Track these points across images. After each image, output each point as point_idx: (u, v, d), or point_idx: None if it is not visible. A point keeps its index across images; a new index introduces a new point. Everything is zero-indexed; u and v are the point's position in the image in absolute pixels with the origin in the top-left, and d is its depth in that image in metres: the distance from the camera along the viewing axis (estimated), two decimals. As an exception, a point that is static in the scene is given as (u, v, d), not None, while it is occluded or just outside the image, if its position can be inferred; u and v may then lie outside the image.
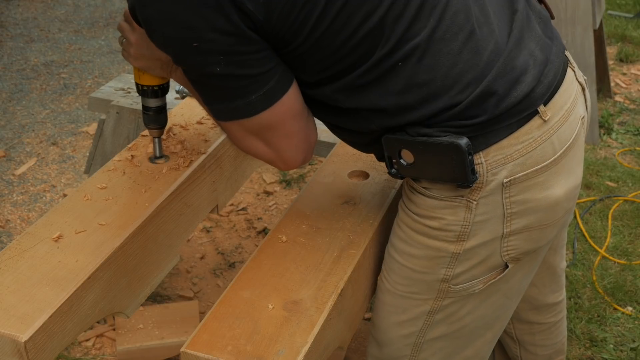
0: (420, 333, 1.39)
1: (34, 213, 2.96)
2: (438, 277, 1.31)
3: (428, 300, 1.34)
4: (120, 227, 1.27)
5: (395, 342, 1.42)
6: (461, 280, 1.31)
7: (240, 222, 2.95)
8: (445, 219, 1.25)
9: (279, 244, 1.31)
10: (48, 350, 1.10)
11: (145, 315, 2.32)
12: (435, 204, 1.25)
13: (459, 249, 1.27)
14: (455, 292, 1.33)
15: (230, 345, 1.09)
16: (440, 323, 1.37)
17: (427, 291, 1.34)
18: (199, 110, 1.68)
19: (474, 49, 1.16)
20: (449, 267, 1.30)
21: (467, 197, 1.22)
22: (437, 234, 1.27)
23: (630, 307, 2.50)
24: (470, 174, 1.18)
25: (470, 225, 1.24)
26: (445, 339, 1.40)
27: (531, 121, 1.20)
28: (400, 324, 1.39)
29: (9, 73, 4.14)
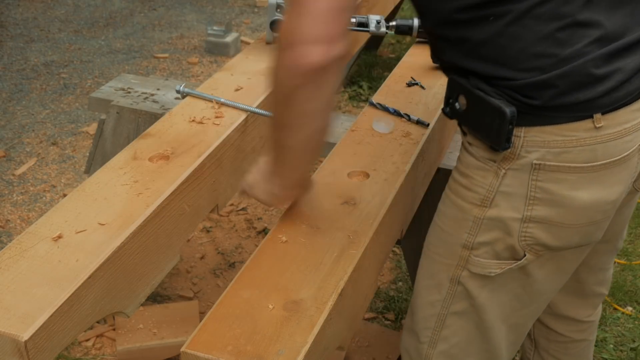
0: (444, 303, 1.42)
1: (34, 213, 2.96)
2: (460, 240, 1.35)
3: (451, 266, 1.38)
4: (120, 227, 1.28)
5: (423, 309, 1.46)
6: (480, 253, 1.34)
7: (240, 222, 2.95)
8: (474, 179, 1.30)
9: (279, 244, 1.31)
10: (48, 349, 1.10)
11: (145, 315, 2.32)
12: (471, 162, 1.30)
13: (481, 214, 1.30)
14: (473, 265, 1.35)
15: (230, 345, 1.09)
16: (462, 298, 1.40)
17: (450, 255, 1.38)
18: (199, 110, 1.68)
19: (561, 41, 1.17)
20: (471, 233, 1.33)
21: (499, 163, 1.26)
22: (464, 193, 1.32)
23: (630, 307, 2.50)
24: (503, 141, 1.22)
25: (494, 192, 1.28)
26: (466, 318, 1.42)
27: (581, 122, 1.21)
28: (427, 289, 1.44)
29: (9, 73, 4.14)
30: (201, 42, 4.63)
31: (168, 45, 4.60)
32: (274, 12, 1.97)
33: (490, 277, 1.35)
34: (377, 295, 2.55)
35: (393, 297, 2.54)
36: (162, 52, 4.51)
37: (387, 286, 2.61)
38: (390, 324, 2.44)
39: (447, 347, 1.46)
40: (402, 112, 1.74)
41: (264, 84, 1.78)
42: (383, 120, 1.70)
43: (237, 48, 4.52)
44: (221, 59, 4.41)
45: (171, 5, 5.25)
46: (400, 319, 2.45)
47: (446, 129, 1.89)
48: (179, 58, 4.42)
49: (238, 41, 4.55)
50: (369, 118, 1.73)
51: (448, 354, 1.47)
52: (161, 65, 4.33)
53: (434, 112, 1.77)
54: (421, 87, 1.88)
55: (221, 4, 5.32)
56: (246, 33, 4.84)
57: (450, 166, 1.88)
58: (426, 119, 1.73)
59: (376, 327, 2.40)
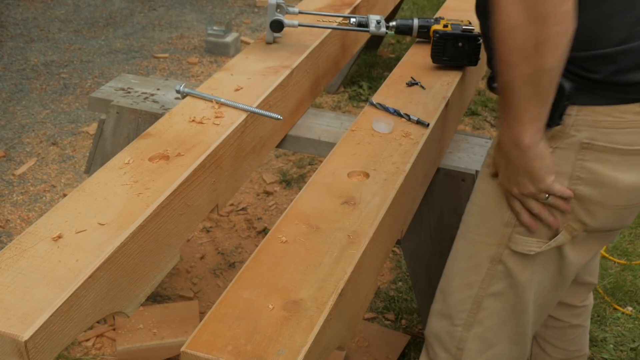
0: (482, 284, 1.43)
1: (34, 213, 2.96)
2: (503, 218, 1.36)
3: (492, 245, 1.39)
4: (120, 227, 1.28)
5: (458, 292, 1.47)
6: (521, 231, 1.35)
7: (240, 222, 2.95)
8: None
9: (279, 244, 1.31)
10: (48, 349, 1.10)
11: (145, 315, 2.32)
12: None
13: None
14: (515, 243, 1.37)
15: (230, 345, 1.09)
16: (502, 278, 1.41)
17: (492, 234, 1.39)
18: (199, 110, 1.68)
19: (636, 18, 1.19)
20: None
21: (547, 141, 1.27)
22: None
23: (630, 307, 2.50)
24: (556, 117, 1.23)
25: None
26: (503, 299, 1.43)
27: (632, 105, 1.23)
28: (465, 271, 1.45)
29: (9, 73, 4.14)
30: (201, 42, 4.63)
31: (168, 45, 4.60)
32: (274, 12, 1.97)
33: (531, 257, 1.37)
34: (377, 295, 2.55)
35: (393, 297, 2.54)
36: (162, 52, 4.51)
37: (387, 286, 2.61)
38: (390, 324, 2.44)
39: (482, 330, 1.47)
40: (402, 112, 1.74)
41: (264, 84, 1.78)
42: (383, 120, 1.70)
43: (237, 48, 4.52)
44: (221, 59, 4.41)
45: (171, 5, 5.25)
46: (400, 319, 2.45)
47: (446, 129, 1.89)
48: (179, 58, 4.42)
49: (238, 41, 4.55)
50: (369, 118, 1.73)
51: (483, 338, 1.48)
52: (161, 65, 4.33)
53: (434, 112, 1.77)
54: (421, 87, 1.88)
55: (221, 4, 5.32)
56: (246, 33, 4.84)
57: (450, 166, 1.88)
58: (426, 119, 1.73)
59: (376, 327, 2.40)
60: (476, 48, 1.90)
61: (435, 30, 1.90)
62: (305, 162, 3.35)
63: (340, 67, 2.25)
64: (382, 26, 1.95)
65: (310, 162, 3.35)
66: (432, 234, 1.98)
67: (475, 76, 2.19)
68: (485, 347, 1.49)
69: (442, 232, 1.96)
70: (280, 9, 1.97)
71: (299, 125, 1.98)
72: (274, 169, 3.31)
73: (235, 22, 5.00)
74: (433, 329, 1.56)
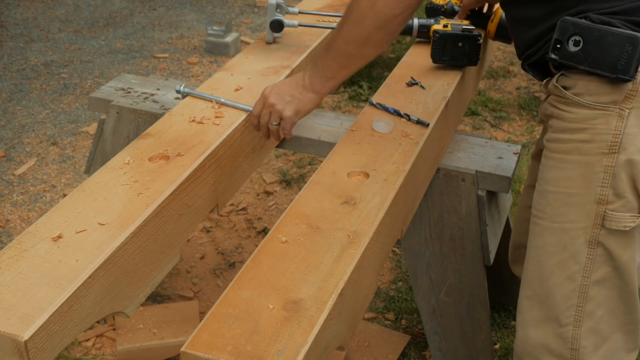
0: (584, 273, 1.39)
1: (34, 213, 2.96)
2: (594, 197, 1.35)
3: (587, 228, 1.37)
4: (120, 227, 1.28)
5: (560, 289, 1.42)
6: (615, 208, 1.34)
7: (240, 222, 2.95)
8: (596, 129, 1.31)
9: (279, 244, 1.31)
10: (48, 349, 1.10)
11: (145, 315, 2.32)
12: (586, 114, 1.31)
13: (611, 162, 1.31)
14: (609, 220, 1.35)
15: (230, 345, 1.09)
16: (603, 262, 1.38)
17: (584, 217, 1.37)
18: (199, 110, 1.68)
19: None
20: (604, 186, 1.33)
21: (620, 105, 1.28)
22: (589, 148, 1.33)
23: (630, 307, 2.50)
24: (633, 70, 1.26)
25: (621, 135, 1.30)
26: (609, 285, 1.40)
27: None
28: (563, 264, 1.41)
29: (9, 73, 4.14)
30: (201, 42, 4.63)
31: (168, 45, 4.60)
32: (274, 12, 1.97)
33: (629, 233, 1.36)
34: (377, 295, 2.55)
35: (393, 297, 2.54)
36: (162, 52, 4.51)
37: (387, 286, 2.61)
38: (390, 324, 2.44)
39: (594, 322, 1.42)
40: (402, 112, 1.74)
41: (264, 84, 1.78)
42: (383, 120, 1.70)
43: (237, 48, 4.52)
44: (221, 59, 4.41)
45: (171, 5, 5.25)
46: (400, 319, 2.45)
47: (446, 129, 1.89)
48: (179, 58, 4.43)
49: (238, 41, 4.55)
50: (369, 118, 1.73)
51: (596, 331, 1.43)
52: (161, 65, 4.33)
53: (434, 112, 1.77)
54: (421, 87, 1.88)
55: (221, 4, 5.32)
56: (246, 33, 4.84)
57: (450, 166, 1.88)
58: (426, 119, 1.73)
59: (376, 327, 2.40)
60: (476, 48, 1.90)
61: (435, 30, 1.90)
62: (305, 162, 3.35)
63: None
64: (382, 26, 1.95)
65: (310, 162, 3.35)
66: (432, 234, 1.98)
67: (475, 76, 2.19)
68: (600, 340, 1.44)
69: (442, 232, 1.96)
70: (280, 9, 1.97)
71: (299, 125, 1.98)
72: (274, 169, 3.31)
73: (235, 22, 5.00)
74: (534, 340, 1.46)
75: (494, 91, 4.01)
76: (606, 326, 1.43)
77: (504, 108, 3.82)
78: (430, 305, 2.10)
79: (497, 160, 1.92)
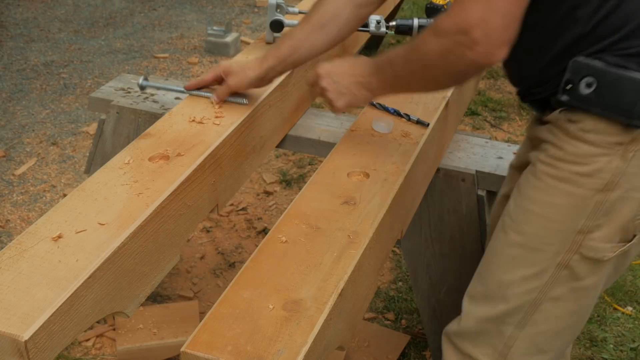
0: (543, 288, 1.40)
1: (34, 213, 2.96)
2: (576, 227, 1.33)
3: (560, 252, 1.36)
4: (120, 227, 1.28)
5: (516, 298, 1.42)
6: (597, 237, 1.33)
7: (240, 222, 2.95)
8: (597, 166, 1.28)
9: (279, 244, 1.31)
10: (48, 349, 1.10)
11: (145, 315, 2.32)
12: (589, 151, 1.28)
13: (603, 199, 1.30)
14: (587, 249, 1.34)
15: (230, 345, 1.09)
16: (565, 282, 1.38)
17: (561, 243, 1.36)
18: (199, 110, 1.68)
19: None
20: (589, 218, 1.32)
21: (626, 146, 1.26)
22: (584, 182, 1.30)
23: (630, 307, 2.50)
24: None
25: (620, 175, 1.27)
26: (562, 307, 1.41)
27: None
28: (526, 278, 1.40)
29: (9, 73, 4.14)
30: (201, 42, 4.63)
31: (168, 45, 4.60)
32: (274, 12, 1.97)
33: (601, 261, 1.35)
34: (377, 295, 2.55)
35: (393, 297, 2.54)
36: (162, 52, 4.51)
37: (387, 286, 2.61)
38: (390, 324, 2.44)
39: (535, 332, 1.44)
40: (402, 112, 1.74)
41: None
42: (383, 120, 1.70)
43: (237, 48, 4.52)
44: (221, 59, 4.41)
45: (171, 5, 5.25)
46: (400, 319, 2.45)
47: (446, 129, 1.89)
48: (179, 58, 4.43)
49: (238, 41, 4.55)
50: (369, 118, 1.74)
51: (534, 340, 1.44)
52: (161, 65, 4.33)
53: (434, 112, 1.77)
54: (421, 87, 1.88)
55: (221, 4, 5.32)
56: (246, 33, 4.84)
57: (450, 166, 1.88)
58: (426, 119, 1.73)
59: (376, 327, 2.40)
60: (476, 48, 1.89)
61: (435, 30, 1.90)
62: (305, 162, 3.35)
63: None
64: (382, 26, 1.95)
65: (310, 162, 3.35)
66: (432, 234, 1.98)
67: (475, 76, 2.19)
68: (534, 350, 1.46)
69: (442, 232, 1.96)
70: (280, 9, 1.97)
71: (299, 125, 1.98)
72: (274, 169, 3.31)
73: (235, 22, 5.00)
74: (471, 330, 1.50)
75: (494, 91, 4.01)
76: (544, 340, 1.45)
77: (504, 108, 3.82)
78: (430, 305, 2.10)
79: (497, 160, 1.92)
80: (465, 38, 1.14)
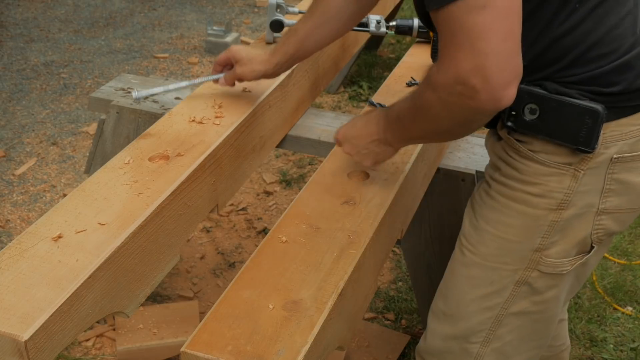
0: (504, 305, 1.40)
1: (34, 213, 2.96)
2: (532, 246, 1.33)
3: (518, 270, 1.36)
4: (120, 227, 1.28)
5: (476, 316, 1.43)
6: (553, 254, 1.33)
7: (240, 222, 2.95)
8: (548, 186, 1.27)
9: (279, 244, 1.31)
10: (48, 349, 1.10)
11: (145, 315, 2.32)
12: (540, 170, 1.27)
13: (557, 218, 1.29)
14: (545, 266, 1.34)
15: (230, 345, 1.09)
16: (525, 297, 1.39)
17: (519, 261, 1.36)
18: (199, 110, 1.68)
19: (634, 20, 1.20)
20: (545, 237, 1.32)
21: (576, 166, 1.25)
22: (537, 202, 1.29)
23: (630, 307, 2.50)
24: (594, 142, 1.21)
25: (572, 194, 1.27)
26: (525, 318, 1.42)
27: None
28: (485, 297, 1.41)
29: (9, 73, 4.14)
30: (201, 42, 4.63)
31: (168, 45, 4.60)
32: (274, 12, 1.97)
33: (561, 275, 1.36)
34: (377, 295, 2.55)
35: (393, 297, 2.54)
36: (162, 52, 4.51)
37: (387, 286, 2.61)
38: (390, 324, 2.44)
39: (501, 344, 1.45)
40: (402, 112, 1.74)
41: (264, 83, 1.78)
42: (383, 120, 1.70)
43: (237, 48, 4.51)
44: (221, 59, 4.40)
45: (171, 5, 5.25)
46: (400, 319, 2.45)
47: (446, 129, 1.89)
48: (179, 58, 4.43)
49: (238, 41, 4.55)
50: (369, 118, 1.73)
51: (501, 351, 1.46)
52: (161, 65, 4.33)
53: (434, 112, 1.76)
54: (421, 87, 1.88)
55: (221, 4, 5.32)
56: (246, 33, 4.84)
57: (450, 166, 1.88)
58: (426, 119, 1.73)
59: (376, 327, 2.40)
60: (476, 48, 1.89)
61: (435, 30, 1.90)
62: (305, 162, 3.35)
63: (340, 67, 2.25)
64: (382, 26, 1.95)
65: (310, 162, 3.35)
66: (432, 234, 1.98)
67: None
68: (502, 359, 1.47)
69: (442, 232, 1.96)
70: (280, 9, 1.97)
71: (299, 125, 1.98)
72: (274, 169, 3.31)
73: (235, 22, 5.00)
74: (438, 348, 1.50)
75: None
76: (511, 349, 1.46)
77: (504, 108, 3.81)
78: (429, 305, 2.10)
79: (497, 160, 1.91)
80: (463, 88, 1.07)
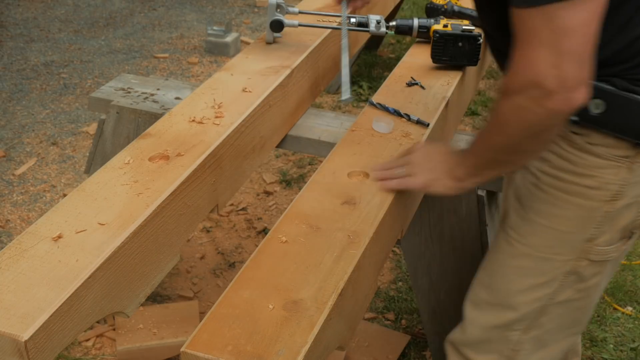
0: (552, 295, 1.42)
1: (34, 213, 2.96)
2: (585, 236, 1.36)
3: (570, 260, 1.39)
4: (120, 227, 1.28)
5: (525, 306, 1.45)
6: (602, 242, 1.36)
7: (240, 222, 2.95)
8: (604, 178, 1.29)
9: (279, 244, 1.31)
10: (48, 349, 1.10)
11: (145, 315, 2.32)
12: (596, 163, 1.29)
13: (610, 208, 1.32)
14: (594, 254, 1.37)
15: (230, 345, 1.09)
16: (571, 285, 1.41)
17: (570, 251, 1.38)
18: (199, 110, 1.68)
19: None
20: (597, 227, 1.34)
21: (632, 158, 1.27)
22: (594, 194, 1.31)
23: (630, 307, 2.50)
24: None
25: (627, 185, 1.29)
26: (567, 306, 1.44)
27: None
28: (535, 287, 1.43)
29: (9, 73, 4.14)
30: (201, 42, 4.63)
31: (168, 45, 4.60)
32: (274, 12, 1.97)
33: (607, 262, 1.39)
34: (377, 295, 2.55)
35: (393, 297, 2.54)
36: (162, 52, 4.51)
37: (387, 286, 2.61)
38: (390, 324, 2.44)
39: (541, 332, 1.47)
40: (402, 112, 1.74)
41: (264, 83, 1.78)
42: (383, 120, 1.70)
43: (237, 48, 4.52)
44: (221, 59, 4.41)
45: (171, 5, 5.25)
46: (400, 319, 2.45)
47: (446, 129, 1.89)
48: (179, 58, 4.43)
49: (238, 41, 4.55)
50: (369, 118, 1.74)
51: (539, 338, 1.48)
52: (161, 65, 4.33)
53: (434, 112, 1.77)
54: (421, 87, 1.88)
55: (221, 4, 5.32)
56: (246, 33, 4.84)
57: (450, 166, 1.87)
58: (426, 119, 1.73)
59: (376, 327, 2.40)
60: (476, 48, 1.90)
61: (435, 30, 1.90)
62: (305, 162, 3.35)
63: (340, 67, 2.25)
64: (382, 26, 1.95)
65: (310, 162, 3.35)
66: (432, 234, 1.98)
67: (475, 76, 2.19)
68: (540, 346, 1.49)
69: (442, 232, 1.96)
70: (280, 9, 1.97)
71: (299, 125, 1.98)
72: (274, 169, 3.31)
73: (235, 22, 5.00)
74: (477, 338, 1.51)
75: (494, 91, 4.01)
76: (549, 336, 1.48)
77: (504, 108, 3.81)
78: (430, 305, 2.10)
79: (497, 160, 1.91)
80: (539, 92, 1.08)
